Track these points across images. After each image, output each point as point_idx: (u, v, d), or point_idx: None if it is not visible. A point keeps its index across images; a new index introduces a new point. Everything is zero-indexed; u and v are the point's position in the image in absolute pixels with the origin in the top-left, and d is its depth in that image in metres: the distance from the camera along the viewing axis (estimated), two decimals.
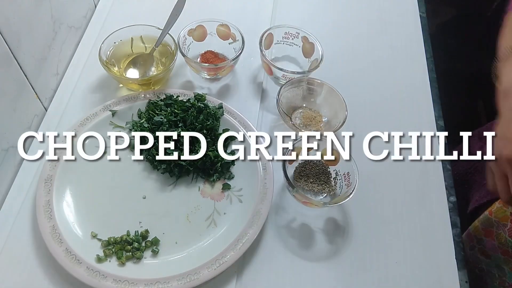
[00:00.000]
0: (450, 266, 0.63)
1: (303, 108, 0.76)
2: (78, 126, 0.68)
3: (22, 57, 0.65)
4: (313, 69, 0.76)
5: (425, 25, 0.92)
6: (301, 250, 0.63)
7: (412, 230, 0.66)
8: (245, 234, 0.61)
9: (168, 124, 0.68)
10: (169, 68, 0.73)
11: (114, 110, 0.71)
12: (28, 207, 0.63)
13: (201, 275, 0.58)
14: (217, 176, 0.68)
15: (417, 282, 0.62)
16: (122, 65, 0.76)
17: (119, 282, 0.56)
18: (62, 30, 0.76)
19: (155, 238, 0.61)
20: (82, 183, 0.65)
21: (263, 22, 0.89)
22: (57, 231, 0.59)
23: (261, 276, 0.61)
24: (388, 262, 0.63)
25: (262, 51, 0.75)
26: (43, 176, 0.63)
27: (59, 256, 0.57)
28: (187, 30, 0.77)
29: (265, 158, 0.67)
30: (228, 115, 0.72)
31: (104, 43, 0.73)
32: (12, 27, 0.61)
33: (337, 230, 0.65)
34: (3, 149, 0.63)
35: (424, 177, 0.71)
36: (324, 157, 0.68)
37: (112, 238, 0.61)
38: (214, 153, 0.67)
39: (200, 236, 0.63)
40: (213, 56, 0.80)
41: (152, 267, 0.59)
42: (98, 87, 0.77)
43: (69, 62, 0.80)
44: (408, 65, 0.85)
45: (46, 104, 0.74)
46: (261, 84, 0.80)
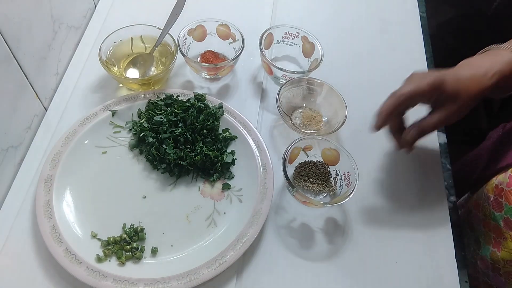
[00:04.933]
0: (450, 266, 0.63)
1: (303, 108, 0.76)
2: (78, 126, 0.68)
3: (22, 57, 0.65)
4: (313, 69, 0.76)
5: (425, 25, 0.92)
6: (301, 250, 0.63)
7: (412, 230, 0.66)
8: (245, 234, 0.61)
9: (168, 124, 0.68)
10: (169, 68, 0.73)
11: (114, 110, 0.71)
12: (28, 207, 0.63)
13: (201, 275, 0.58)
14: (217, 176, 0.68)
15: (417, 282, 0.62)
16: (122, 65, 0.76)
17: (119, 282, 0.56)
18: (62, 30, 0.76)
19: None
20: (82, 183, 0.65)
21: (263, 22, 0.89)
22: (57, 231, 0.59)
23: (261, 276, 0.61)
24: (388, 262, 0.63)
25: (262, 51, 0.75)
26: (43, 176, 0.63)
27: (59, 256, 0.57)
28: (187, 30, 0.77)
29: (265, 158, 0.67)
30: (228, 115, 0.72)
31: (104, 43, 0.73)
32: (12, 27, 0.61)
33: (337, 230, 0.65)
34: (3, 149, 0.63)
35: (424, 177, 0.71)
36: (324, 157, 0.68)
37: (112, 238, 0.61)
38: (214, 153, 0.67)
39: (200, 236, 0.63)
40: (213, 56, 0.80)
41: (152, 267, 0.59)
42: (98, 87, 0.77)
43: (69, 62, 0.80)
44: (408, 65, 0.85)
45: (46, 104, 0.74)
46: (261, 84, 0.80)
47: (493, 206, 0.63)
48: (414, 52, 0.87)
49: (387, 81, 0.82)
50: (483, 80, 0.61)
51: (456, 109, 0.62)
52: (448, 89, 0.60)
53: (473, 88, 0.61)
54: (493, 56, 0.63)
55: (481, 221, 0.66)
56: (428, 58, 0.86)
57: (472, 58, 0.65)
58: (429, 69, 0.85)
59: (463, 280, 0.62)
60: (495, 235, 0.64)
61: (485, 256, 0.66)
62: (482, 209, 0.66)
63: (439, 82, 0.60)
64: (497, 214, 0.63)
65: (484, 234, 0.66)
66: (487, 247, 0.66)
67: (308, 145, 0.68)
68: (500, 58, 0.62)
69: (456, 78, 0.61)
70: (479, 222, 0.67)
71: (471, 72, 0.62)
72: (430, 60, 0.86)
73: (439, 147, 0.74)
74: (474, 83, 0.61)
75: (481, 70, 0.61)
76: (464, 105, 0.62)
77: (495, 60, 0.62)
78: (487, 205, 0.64)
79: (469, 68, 0.63)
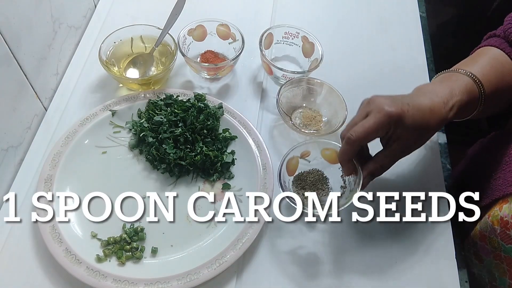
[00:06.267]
0: (450, 266, 0.63)
1: (303, 108, 0.76)
2: (78, 126, 0.68)
3: (22, 57, 0.65)
4: (313, 69, 0.76)
5: (425, 25, 0.92)
6: (301, 249, 0.63)
7: (412, 230, 0.66)
8: (245, 234, 0.61)
9: (168, 124, 0.68)
10: (169, 68, 0.73)
11: (114, 110, 0.71)
12: (28, 207, 0.63)
13: (201, 275, 0.58)
14: (217, 176, 0.68)
15: (417, 282, 0.62)
16: (122, 65, 0.76)
17: (119, 282, 0.56)
18: (62, 30, 0.76)
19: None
20: (82, 183, 0.65)
21: (263, 22, 0.89)
22: (57, 231, 0.59)
23: (261, 276, 0.61)
24: (388, 262, 0.63)
25: (262, 51, 0.75)
26: (43, 176, 0.63)
27: (59, 256, 0.57)
28: (187, 30, 0.77)
29: (265, 158, 0.67)
30: (228, 115, 0.72)
31: (104, 43, 0.73)
32: (12, 27, 0.61)
33: (337, 230, 0.65)
34: (3, 149, 0.63)
35: (424, 177, 0.71)
36: (324, 157, 0.67)
37: (112, 238, 0.61)
38: (214, 153, 0.67)
39: (200, 236, 0.63)
40: (213, 56, 0.80)
41: (152, 267, 0.59)
42: (98, 87, 0.77)
43: (69, 62, 0.80)
44: (408, 65, 0.85)
45: (46, 104, 0.74)
46: (261, 84, 0.80)
47: (502, 238, 0.61)
48: (414, 52, 0.87)
49: (387, 81, 0.83)
50: (442, 111, 0.57)
51: (412, 141, 0.59)
52: (406, 122, 0.55)
53: (433, 121, 0.57)
54: (451, 82, 0.60)
55: (491, 253, 0.65)
56: (428, 58, 0.86)
57: (429, 84, 0.62)
58: (429, 69, 0.85)
59: (463, 280, 0.62)
60: (508, 267, 0.62)
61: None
62: (489, 241, 0.64)
63: (396, 116, 0.55)
64: (508, 246, 0.61)
65: (496, 265, 0.65)
66: (503, 279, 0.64)
67: (304, 151, 0.66)
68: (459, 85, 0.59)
69: (416, 109, 0.56)
70: (489, 254, 0.65)
71: (430, 102, 0.57)
72: (430, 60, 0.86)
73: (439, 147, 0.74)
74: (435, 116, 0.57)
75: (439, 100, 0.58)
76: (422, 137, 0.59)
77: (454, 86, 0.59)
78: (494, 237, 0.63)
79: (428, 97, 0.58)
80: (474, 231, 0.68)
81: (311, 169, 0.67)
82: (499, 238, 0.62)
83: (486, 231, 0.64)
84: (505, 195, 0.62)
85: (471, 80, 0.60)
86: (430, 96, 0.58)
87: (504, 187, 0.63)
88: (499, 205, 0.63)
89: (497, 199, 0.64)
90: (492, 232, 0.63)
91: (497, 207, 0.63)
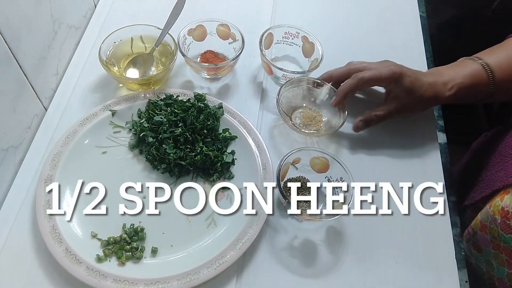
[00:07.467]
0: (450, 266, 0.63)
1: (303, 108, 0.76)
2: (78, 126, 0.68)
3: (22, 57, 0.65)
4: (313, 69, 0.76)
5: (425, 25, 0.92)
6: (301, 249, 0.63)
7: (412, 230, 0.66)
8: (245, 234, 0.61)
9: (168, 124, 0.68)
10: (169, 68, 0.73)
11: (114, 110, 0.71)
12: (28, 207, 0.63)
13: (201, 275, 0.58)
14: (217, 176, 0.68)
15: (417, 282, 0.62)
16: (122, 65, 0.76)
17: (119, 282, 0.56)
18: (62, 30, 0.76)
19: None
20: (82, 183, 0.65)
21: (263, 22, 0.89)
22: (57, 231, 0.59)
23: (261, 276, 0.61)
24: (388, 262, 0.63)
25: (262, 51, 0.75)
26: (43, 176, 0.63)
27: (59, 256, 0.57)
28: (187, 30, 0.77)
29: (265, 158, 0.67)
30: (228, 115, 0.72)
31: (104, 43, 0.73)
32: (12, 27, 0.61)
33: (337, 230, 0.65)
34: (3, 149, 0.63)
35: (424, 177, 0.71)
36: (312, 165, 0.67)
37: (111, 238, 0.61)
38: (214, 153, 0.67)
39: (200, 236, 0.63)
40: (213, 56, 0.80)
41: (152, 267, 0.60)
42: (98, 87, 0.77)
43: (69, 62, 0.80)
44: (408, 65, 0.84)
45: (46, 104, 0.74)
46: (261, 84, 0.80)
47: (502, 228, 0.63)
48: (414, 52, 0.87)
49: None
50: (441, 89, 0.66)
51: (407, 103, 0.68)
52: (404, 83, 0.66)
53: (429, 93, 0.66)
54: (459, 67, 0.67)
55: (490, 243, 0.66)
56: (428, 58, 0.86)
57: (441, 67, 0.70)
58: (428, 69, 0.84)
59: (463, 280, 0.62)
60: (507, 257, 0.63)
61: (502, 277, 0.66)
62: (489, 231, 0.65)
63: (399, 74, 0.66)
64: (507, 236, 0.62)
65: (494, 255, 0.66)
66: (501, 269, 0.65)
67: (296, 158, 0.66)
68: (464, 70, 0.66)
69: (416, 78, 0.67)
70: (488, 244, 0.66)
71: (433, 79, 0.67)
72: (430, 60, 0.86)
73: (439, 147, 0.74)
74: (431, 89, 0.66)
75: (442, 79, 0.66)
76: (415, 103, 0.68)
77: (459, 70, 0.66)
78: (495, 227, 0.64)
79: (433, 76, 0.67)
80: (475, 221, 0.69)
81: (297, 176, 0.68)
82: (500, 228, 0.63)
83: (487, 221, 0.65)
84: (506, 186, 0.64)
85: (480, 66, 0.66)
86: (435, 75, 0.68)
87: (506, 177, 0.65)
88: (501, 196, 0.64)
89: (498, 190, 0.65)
90: (493, 222, 0.64)
91: (499, 197, 0.64)
